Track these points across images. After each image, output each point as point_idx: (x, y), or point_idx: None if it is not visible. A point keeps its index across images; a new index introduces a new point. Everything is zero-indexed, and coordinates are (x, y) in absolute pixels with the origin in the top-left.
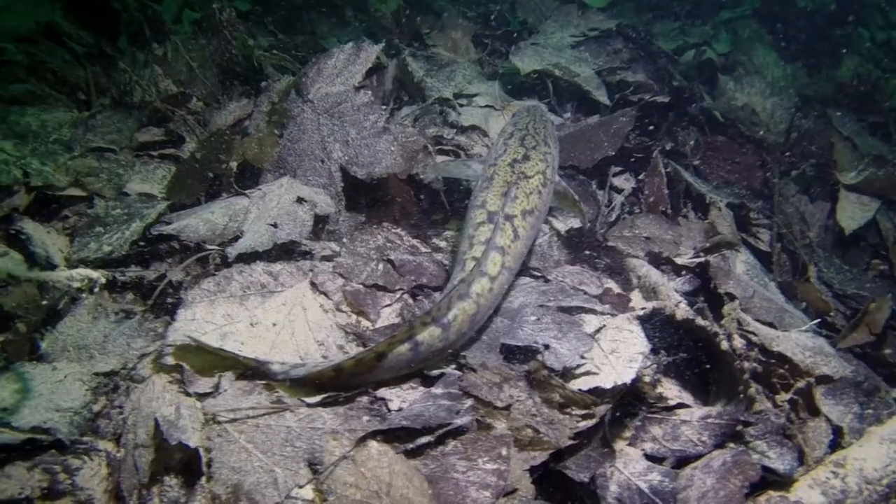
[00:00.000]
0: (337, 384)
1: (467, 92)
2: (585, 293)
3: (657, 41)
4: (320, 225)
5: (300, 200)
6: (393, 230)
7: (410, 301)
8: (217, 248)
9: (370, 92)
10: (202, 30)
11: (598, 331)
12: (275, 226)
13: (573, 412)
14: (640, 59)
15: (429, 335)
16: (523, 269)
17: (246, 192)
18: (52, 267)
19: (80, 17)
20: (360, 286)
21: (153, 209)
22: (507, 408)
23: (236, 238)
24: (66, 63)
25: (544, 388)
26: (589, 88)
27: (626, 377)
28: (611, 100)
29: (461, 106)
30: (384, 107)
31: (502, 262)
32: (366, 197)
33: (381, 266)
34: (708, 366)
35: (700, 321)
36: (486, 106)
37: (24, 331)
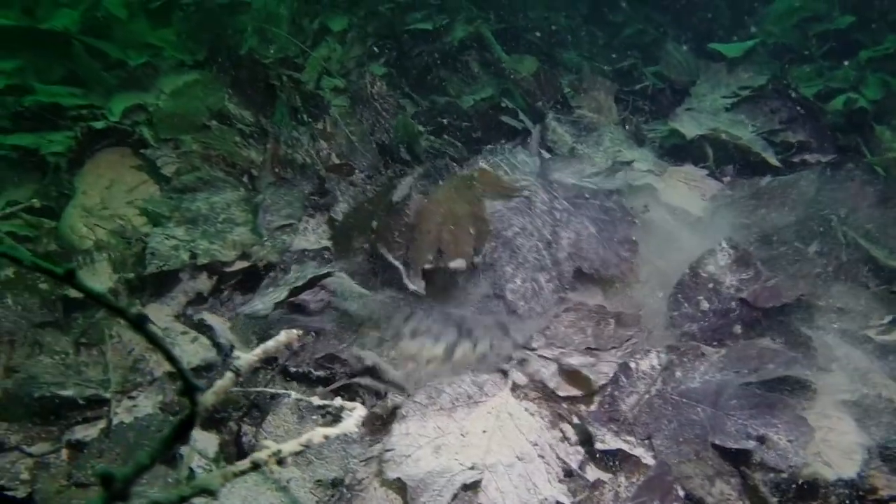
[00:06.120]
0: None
1: (621, 158)
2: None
3: (799, 88)
4: None
5: None
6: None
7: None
8: None
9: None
10: (353, 102)
11: None
12: None
13: None
14: (799, 118)
15: None
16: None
17: None
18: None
19: (242, 96)
20: (572, 362)
21: None
22: None
23: None
24: (235, 145)
25: (755, 494)
26: (757, 150)
27: (850, 471)
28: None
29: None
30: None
31: None
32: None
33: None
34: None
35: None
36: (648, 171)
37: (235, 430)
